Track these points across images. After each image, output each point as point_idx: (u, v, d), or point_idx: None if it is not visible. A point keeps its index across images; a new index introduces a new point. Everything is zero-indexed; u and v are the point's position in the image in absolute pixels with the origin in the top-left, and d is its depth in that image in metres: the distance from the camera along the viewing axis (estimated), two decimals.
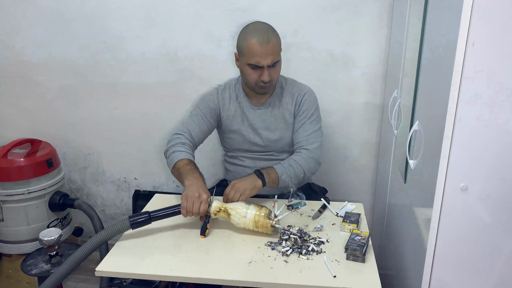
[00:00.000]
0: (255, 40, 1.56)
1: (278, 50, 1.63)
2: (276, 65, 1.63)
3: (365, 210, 1.66)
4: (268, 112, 1.75)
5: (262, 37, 1.57)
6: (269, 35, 1.59)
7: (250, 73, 1.63)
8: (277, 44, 1.61)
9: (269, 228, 1.42)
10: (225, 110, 1.77)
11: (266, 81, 1.61)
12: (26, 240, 2.09)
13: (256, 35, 1.57)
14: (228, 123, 1.77)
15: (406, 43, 1.63)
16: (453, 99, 1.06)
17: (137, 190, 2.37)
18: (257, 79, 1.62)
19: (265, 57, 1.57)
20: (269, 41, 1.57)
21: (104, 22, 2.13)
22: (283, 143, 1.76)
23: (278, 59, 1.63)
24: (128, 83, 2.22)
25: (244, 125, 1.76)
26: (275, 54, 1.60)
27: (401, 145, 1.63)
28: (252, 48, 1.57)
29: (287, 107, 1.74)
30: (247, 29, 1.64)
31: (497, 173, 1.11)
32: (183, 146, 1.66)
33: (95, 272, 1.29)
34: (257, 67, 1.60)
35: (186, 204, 1.43)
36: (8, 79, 2.29)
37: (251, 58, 1.58)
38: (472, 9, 0.99)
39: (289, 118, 1.74)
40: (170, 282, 1.81)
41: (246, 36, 1.60)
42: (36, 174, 2.05)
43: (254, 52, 1.57)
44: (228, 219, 1.45)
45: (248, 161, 1.80)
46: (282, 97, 1.75)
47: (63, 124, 2.34)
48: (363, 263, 1.31)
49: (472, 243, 1.18)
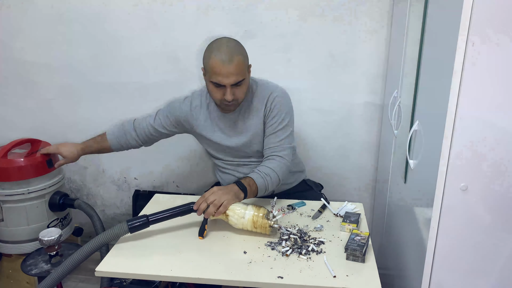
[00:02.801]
0: (218, 59, 1.50)
1: (243, 69, 1.55)
2: (241, 83, 1.56)
3: (365, 210, 1.66)
4: (239, 117, 1.69)
5: (225, 56, 1.50)
6: (233, 54, 1.51)
7: (213, 91, 1.57)
8: (242, 63, 1.53)
9: (268, 229, 1.41)
10: (195, 120, 1.73)
11: (229, 100, 1.55)
12: (26, 240, 2.09)
13: (219, 54, 1.50)
14: (201, 131, 1.74)
15: (406, 43, 1.63)
16: (453, 99, 1.06)
17: (137, 190, 2.37)
18: (221, 97, 1.57)
19: (228, 76, 1.51)
20: (231, 60, 1.50)
21: (104, 22, 2.13)
22: (257, 147, 1.71)
23: (242, 78, 1.54)
24: (128, 83, 2.22)
25: (216, 133, 1.72)
26: (239, 74, 1.53)
27: (401, 145, 1.63)
28: (215, 67, 1.50)
29: (257, 113, 1.67)
30: (211, 45, 1.57)
31: (497, 173, 1.11)
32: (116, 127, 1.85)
33: (95, 272, 1.29)
34: (219, 85, 1.54)
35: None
36: (8, 79, 2.29)
37: (214, 76, 1.53)
38: (472, 9, 0.99)
39: (258, 124, 1.68)
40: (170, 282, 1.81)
41: (210, 53, 1.53)
42: (36, 174, 2.05)
43: (216, 71, 1.51)
44: (226, 220, 1.45)
45: (230, 168, 1.78)
46: (252, 102, 1.68)
47: (63, 124, 2.34)
48: (363, 263, 1.31)
49: (472, 243, 1.18)
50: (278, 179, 1.59)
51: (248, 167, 1.74)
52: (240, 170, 1.76)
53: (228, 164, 1.77)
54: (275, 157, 1.62)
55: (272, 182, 1.57)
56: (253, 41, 2.05)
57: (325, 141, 2.21)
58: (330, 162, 2.23)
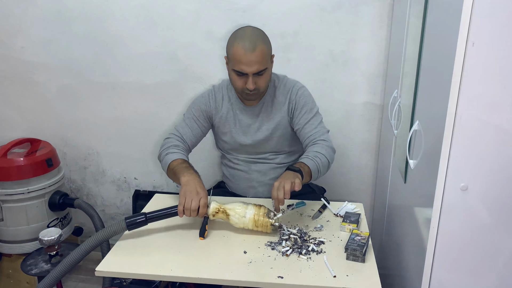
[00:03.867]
0: (241, 47, 1.51)
1: (266, 58, 1.56)
2: (264, 73, 1.56)
3: (365, 210, 1.66)
4: (261, 110, 1.71)
5: (249, 44, 1.50)
6: (257, 43, 1.52)
7: (235, 79, 1.58)
8: (265, 52, 1.54)
9: (269, 227, 1.42)
10: (218, 112, 1.73)
11: (250, 89, 1.56)
12: (26, 240, 2.09)
13: (242, 42, 1.51)
14: (221, 125, 1.74)
15: (406, 43, 1.63)
16: (453, 99, 1.06)
17: (137, 190, 2.37)
18: (242, 86, 1.58)
19: (250, 65, 1.52)
20: (255, 48, 1.51)
21: (104, 22, 2.13)
22: (273, 143, 1.72)
23: (265, 67, 1.55)
24: (128, 83, 2.22)
25: (236, 127, 1.73)
26: (262, 63, 1.53)
27: (401, 145, 1.63)
28: (238, 55, 1.51)
29: (280, 106, 1.70)
30: (236, 33, 1.58)
31: (497, 173, 1.11)
32: (176, 148, 1.65)
33: (95, 272, 1.30)
34: (242, 74, 1.55)
35: (184, 201, 1.39)
36: (8, 79, 2.29)
37: (236, 64, 1.53)
38: (472, 9, 0.99)
39: (282, 118, 1.70)
40: (170, 282, 1.81)
41: (233, 41, 1.54)
42: (35, 173, 2.05)
43: (239, 59, 1.52)
44: (227, 220, 1.45)
45: (243, 164, 1.78)
46: (275, 96, 1.70)
47: (63, 124, 2.34)
48: (363, 263, 1.31)
49: (472, 243, 1.18)
50: (326, 160, 1.57)
51: (261, 164, 1.76)
52: (253, 167, 1.77)
53: (241, 160, 1.78)
54: (318, 141, 1.62)
55: (322, 163, 1.55)
56: None
57: None
58: None
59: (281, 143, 1.74)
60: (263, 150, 1.75)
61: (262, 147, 1.74)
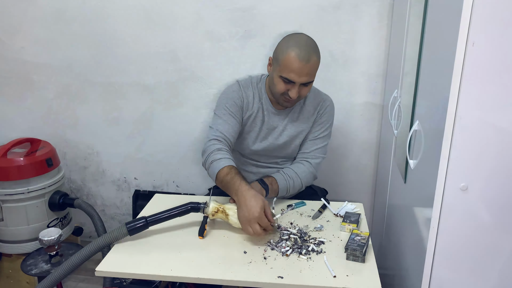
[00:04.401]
0: (296, 56, 1.48)
1: (316, 70, 1.55)
2: (309, 84, 1.56)
3: (365, 210, 1.66)
4: (288, 117, 1.70)
5: (305, 55, 1.48)
6: (311, 54, 1.50)
7: (279, 84, 1.55)
8: (316, 64, 1.53)
9: None
10: (248, 110, 1.69)
11: (293, 97, 1.55)
12: (26, 240, 2.09)
13: (298, 50, 1.49)
14: (248, 122, 1.70)
15: (406, 43, 1.63)
16: (453, 99, 1.06)
17: (137, 190, 2.37)
18: (284, 91, 1.56)
19: (301, 75, 1.50)
20: (309, 60, 1.49)
21: (104, 22, 2.13)
22: (290, 150, 1.73)
23: (312, 79, 1.55)
24: (128, 83, 2.22)
25: (262, 127, 1.70)
26: (311, 75, 1.53)
27: (401, 145, 1.63)
28: (290, 62, 1.49)
29: (308, 115, 1.70)
30: (290, 39, 1.55)
31: (497, 173, 1.11)
32: (219, 152, 1.54)
33: (95, 272, 1.29)
34: (289, 82, 1.53)
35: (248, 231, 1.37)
36: (8, 79, 2.29)
37: (286, 72, 1.51)
38: (472, 9, 0.99)
39: (306, 126, 1.70)
40: (170, 282, 1.81)
41: (287, 48, 1.51)
42: (35, 173, 2.05)
43: (291, 67, 1.49)
44: (226, 220, 1.45)
45: (252, 167, 1.78)
46: (304, 105, 1.70)
47: (63, 124, 2.34)
48: (363, 263, 1.31)
49: (472, 243, 1.18)
50: (301, 184, 1.64)
51: (269, 168, 1.76)
52: (262, 171, 1.77)
53: (252, 164, 1.78)
54: (304, 163, 1.69)
55: (294, 187, 1.62)
56: (253, 41, 2.06)
57: None
58: (330, 162, 2.22)
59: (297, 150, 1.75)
60: (277, 154, 1.75)
61: (278, 152, 1.74)
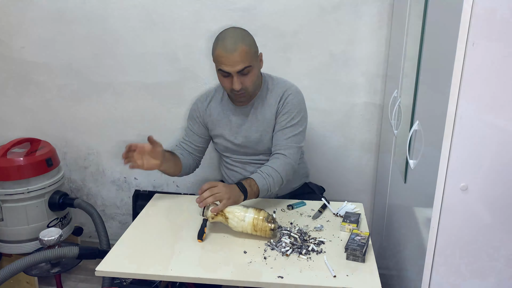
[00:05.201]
0: (221, 48, 1.53)
1: (249, 57, 1.55)
2: (249, 72, 1.56)
3: (365, 210, 1.66)
4: (251, 113, 1.70)
5: (229, 44, 1.52)
6: (237, 43, 1.52)
7: (222, 80, 1.60)
8: (246, 51, 1.54)
9: (268, 232, 1.39)
10: (208, 116, 1.75)
11: (236, 89, 1.56)
12: (26, 240, 2.09)
13: (223, 43, 1.53)
14: (214, 127, 1.75)
15: (406, 43, 1.63)
16: (453, 99, 1.06)
17: (137, 190, 2.37)
18: (230, 86, 1.58)
19: (232, 64, 1.53)
20: (235, 49, 1.52)
21: (104, 22, 2.13)
22: (265, 144, 1.71)
23: (248, 65, 1.55)
24: (128, 83, 2.22)
25: (227, 128, 1.73)
26: (244, 62, 1.53)
27: (401, 145, 1.63)
28: (219, 55, 1.54)
29: (270, 108, 1.68)
30: (218, 35, 1.59)
31: (497, 173, 1.11)
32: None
33: (95, 272, 1.29)
34: (227, 74, 1.56)
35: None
36: (8, 79, 2.29)
37: (219, 64, 1.56)
38: (472, 9, 0.99)
39: (271, 120, 1.69)
40: (170, 282, 1.81)
41: (216, 44, 1.57)
42: (35, 173, 2.05)
43: (220, 60, 1.54)
44: (226, 223, 1.44)
45: (238, 165, 1.78)
46: (266, 98, 1.69)
47: (63, 124, 2.34)
48: (363, 263, 1.31)
49: (472, 243, 1.18)
50: (281, 179, 1.58)
51: (256, 166, 1.74)
52: (247, 168, 1.76)
53: (236, 161, 1.78)
54: (279, 156, 1.61)
55: (275, 183, 1.56)
56: None
57: (325, 141, 2.21)
58: (330, 162, 2.23)
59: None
60: (256, 151, 1.74)
61: (255, 148, 1.73)
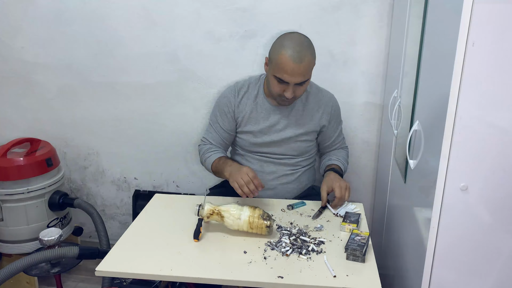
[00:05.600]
0: (288, 56, 1.48)
1: (310, 70, 1.56)
2: (304, 83, 1.57)
3: (365, 210, 1.66)
4: (290, 115, 1.71)
5: (297, 55, 1.48)
6: (304, 54, 1.50)
7: (274, 84, 1.57)
8: (311, 63, 1.54)
9: (264, 229, 1.41)
10: (240, 112, 1.73)
11: (288, 98, 1.56)
12: (26, 240, 2.09)
13: (290, 50, 1.49)
14: (242, 123, 1.74)
15: (406, 43, 1.63)
16: (453, 99, 1.06)
17: (137, 190, 2.37)
18: (280, 92, 1.57)
19: (294, 76, 1.50)
20: (302, 60, 1.48)
21: (104, 22, 2.13)
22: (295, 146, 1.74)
23: (307, 78, 1.56)
24: (128, 83, 2.22)
25: (259, 126, 1.72)
26: (306, 74, 1.53)
27: (401, 145, 1.63)
28: (283, 63, 1.49)
29: (313, 113, 1.73)
30: (283, 39, 1.56)
31: (497, 173, 1.11)
32: (209, 151, 1.77)
33: (95, 272, 1.29)
34: (283, 82, 1.54)
35: (238, 184, 1.48)
36: (8, 79, 2.29)
37: (279, 72, 1.51)
38: (472, 9, 0.99)
39: (312, 125, 1.74)
40: (170, 282, 1.81)
41: (280, 48, 1.51)
42: (35, 173, 2.05)
43: (284, 68, 1.49)
44: (222, 222, 1.44)
45: (255, 162, 1.78)
46: (307, 102, 1.71)
47: (63, 124, 2.34)
48: (363, 263, 1.31)
49: (472, 243, 1.18)
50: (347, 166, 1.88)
51: (275, 165, 1.78)
52: (265, 167, 1.78)
53: (255, 159, 1.79)
54: (345, 149, 1.92)
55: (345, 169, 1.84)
56: (253, 41, 2.05)
57: None
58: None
59: (302, 146, 1.76)
60: (282, 151, 1.76)
61: (283, 148, 1.75)
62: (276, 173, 1.77)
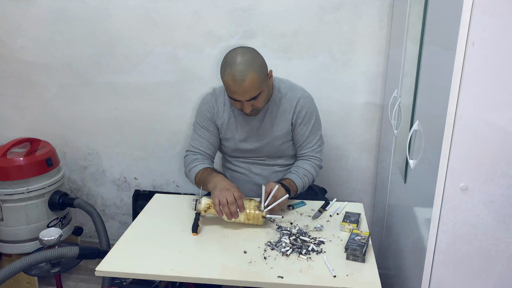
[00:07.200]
0: (230, 77, 1.47)
1: (258, 84, 1.50)
2: (259, 96, 1.54)
3: (365, 210, 1.66)
4: (265, 118, 1.70)
5: (239, 74, 1.46)
6: (246, 72, 1.47)
7: (232, 102, 1.58)
8: (255, 80, 1.49)
9: (260, 219, 1.45)
10: (219, 118, 1.73)
11: (247, 113, 1.57)
12: (26, 240, 2.09)
13: (232, 70, 1.47)
14: (223, 130, 1.74)
15: (406, 43, 1.63)
16: (453, 99, 1.06)
17: (137, 190, 2.37)
18: (239, 108, 1.58)
19: (242, 94, 1.50)
20: (244, 79, 1.46)
21: (104, 22, 2.13)
22: (275, 148, 1.73)
23: (258, 92, 1.52)
24: (128, 83, 2.22)
25: (238, 132, 1.72)
26: (254, 90, 1.50)
27: (401, 145, 1.63)
28: (228, 84, 1.50)
29: (286, 114, 1.70)
30: (226, 58, 1.53)
31: (497, 173, 1.11)
32: (195, 161, 1.70)
33: (95, 272, 1.29)
34: (236, 100, 1.54)
35: (218, 202, 1.43)
36: (8, 79, 2.29)
37: (229, 92, 1.53)
38: (472, 9, 0.99)
39: (286, 125, 1.70)
40: (170, 282, 1.81)
41: (224, 69, 1.51)
42: (35, 173, 2.05)
43: (230, 89, 1.51)
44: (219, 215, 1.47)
45: (243, 165, 1.79)
46: (281, 103, 1.69)
47: (63, 124, 2.34)
48: (363, 263, 1.31)
49: (472, 243, 1.18)
50: (312, 179, 1.74)
51: (260, 166, 1.77)
52: (252, 169, 1.78)
53: (241, 162, 1.79)
54: (310, 159, 1.74)
55: (308, 182, 1.71)
56: (253, 41, 2.05)
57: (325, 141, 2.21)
58: (330, 162, 2.22)
59: (283, 148, 1.75)
60: (264, 154, 1.76)
61: (264, 151, 1.75)
62: (263, 174, 1.78)
